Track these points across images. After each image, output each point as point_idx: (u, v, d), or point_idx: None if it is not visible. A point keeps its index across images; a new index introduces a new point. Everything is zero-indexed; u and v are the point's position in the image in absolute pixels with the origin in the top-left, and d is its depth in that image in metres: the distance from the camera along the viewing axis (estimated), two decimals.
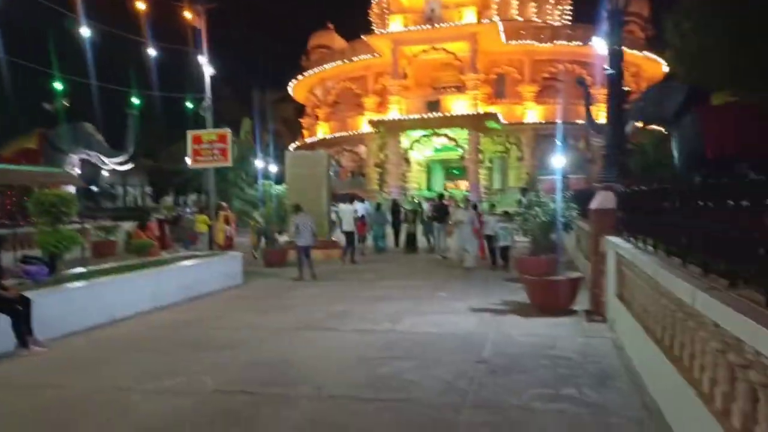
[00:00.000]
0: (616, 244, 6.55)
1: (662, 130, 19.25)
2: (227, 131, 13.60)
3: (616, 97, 7.65)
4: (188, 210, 29.04)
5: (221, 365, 5.82)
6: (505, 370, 5.40)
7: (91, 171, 21.07)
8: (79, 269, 9.05)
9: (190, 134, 13.27)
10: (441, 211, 16.00)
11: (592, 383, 4.95)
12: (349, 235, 15.32)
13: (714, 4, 9.50)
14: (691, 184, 4.09)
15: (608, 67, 7.63)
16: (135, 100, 22.19)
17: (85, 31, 16.82)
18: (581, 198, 10.72)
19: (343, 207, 16.69)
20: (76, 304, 7.44)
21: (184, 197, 40.97)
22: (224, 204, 16.68)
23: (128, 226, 13.83)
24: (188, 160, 15.54)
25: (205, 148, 13.41)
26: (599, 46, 8.98)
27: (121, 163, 20.11)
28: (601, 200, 7.44)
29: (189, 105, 21.12)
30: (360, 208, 17.04)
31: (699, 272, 3.69)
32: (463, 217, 13.03)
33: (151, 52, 18.24)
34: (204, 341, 6.84)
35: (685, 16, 11.54)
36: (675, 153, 14.45)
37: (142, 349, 6.54)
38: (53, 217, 7.95)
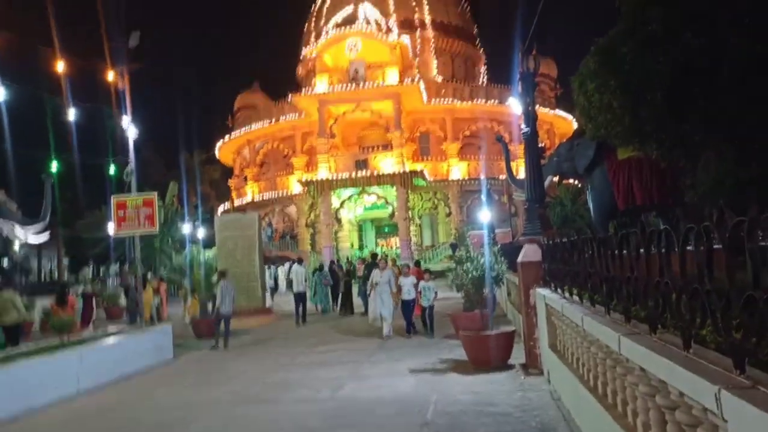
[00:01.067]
0: (545, 295, 6.81)
1: (577, 183, 20.47)
2: (154, 195, 13.19)
3: (533, 154, 8.14)
4: (112, 283, 27.65)
5: None
6: (448, 430, 5.41)
7: (1, 243, 19.77)
8: None
9: (114, 200, 12.78)
10: (372, 269, 16.04)
11: None
12: (300, 296, 15.81)
13: (609, 67, 10.45)
14: (606, 235, 4.39)
15: (524, 126, 8.15)
16: (52, 165, 21.25)
17: None
18: (508, 251, 11.14)
19: (295, 268, 17.28)
20: None
21: (104, 267, 38.95)
22: (156, 275, 16.08)
23: (46, 302, 12.97)
24: (111, 229, 14.91)
25: (130, 215, 12.94)
26: (515, 105, 9.61)
27: (36, 234, 18.99)
28: (527, 253, 7.76)
29: (112, 169, 20.44)
30: (302, 270, 17.19)
31: (621, 319, 3.92)
32: (379, 278, 11.90)
33: (71, 113, 17.67)
34: (132, 426, 6.42)
35: (588, 77, 12.48)
36: (590, 205, 15.37)
37: None
38: None
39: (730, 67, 7.66)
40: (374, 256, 19.41)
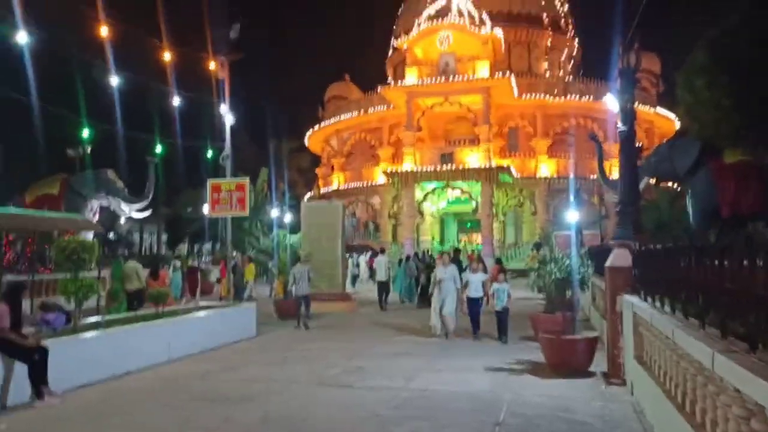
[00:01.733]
0: (633, 303, 6.49)
1: (676, 186, 19.29)
2: (246, 181, 13.84)
3: (629, 154, 7.75)
4: (205, 259, 29.28)
5: (234, 420, 5.77)
6: None
7: (109, 218, 21.42)
8: (96, 319, 9.11)
9: (210, 183, 13.51)
10: (455, 264, 15.98)
11: None
12: (383, 285, 17.05)
13: (724, 63, 9.70)
14: (707, 243, 4.11)
15: (621, 124, 7.77)
16: (157, 148, 22.75)
17: (112, 79, 17.41)
18: (596, 254, 10.69)
19: (379, 258, 18.44)
20: (91, 355, 7.47)
21: (198, 245, 41.30)
22: (245, 255, 16.94)
23: (145, 274, 13.98)
24: (206, 209, 15.75)
25: (223, 197, 13.63)
26: (611, 102, 9.18)
27: (140, 210, 20.43)
28: (617, 258, 7.43)
29: (209, 154, 21.58)
30: (384, 260, 18.28)
31: (717, 334, 3.67)
32: (443, 274, 10.93)
33: (174, 101, 18.82)
34: (217, 395, 6.80)
35: (696, 73, 11.74)
36: (689, 210, 14.42)
37: (156, 403, 6.52)
38: (74, 264, 8.06)
39: None
40: (457, 251, 19.19)
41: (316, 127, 46.92)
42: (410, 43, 38.16)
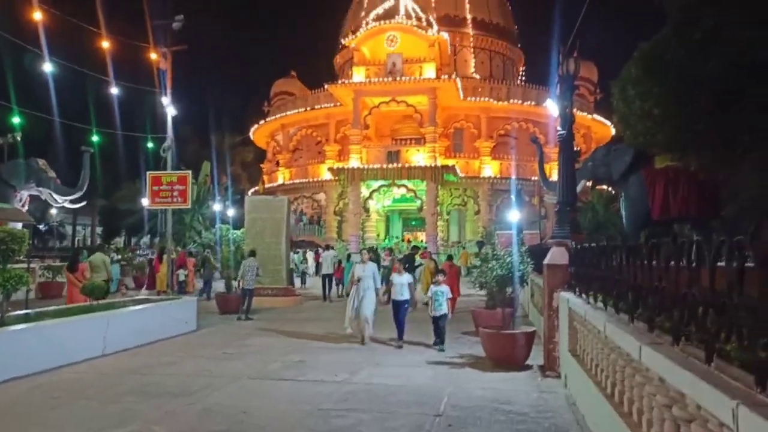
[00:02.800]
0: (569, 299, 6.78)
1: (611, 189, 20.17)
2: (188, 173, 13.56)
3: (567, 157, 8.08)
4: (144, 252, 28.34)
5: (174, 414, 5.66)
6: (462, 423, 5.45)
7: (39, 208, 20.44)
8: (25, 311, 8.71)
9: (150, 175, 13.15)
10: (410, 261, 16.25)
11: None
12: (328, 278, 17.64)
13: (654, 75, 10.23)
14: (636, 244, 4.36)
15: (560, 129, 8.09)
16: (93, 138, 21.86)
17: (46, 66, 16.66)
18: (535, 253, 11.06)
19: (326, 253, 19.11)
20: (21, 348, 7.15)
21: (136, 238, 39.93)
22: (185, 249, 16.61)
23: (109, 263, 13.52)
24: (145, 201, 15.29)
25: (164, 190, 13.29)
26: (551, 107, 9.53)
27: (73, 201, 19.59)
28: (554, 256, 7.72)
29: (150, 145, 20.93)
30: (332, 254, 18.96)
31: (645, 328, 3.90)
32: (361, 273, 9.97)
33: (113, 90, 18.16)
34: (156, 389, 6.64)
35: (629, 84, 12.35)
36: (623, 212, 15.13)
37: (90, 397, 6.30)
38: (2, 255, 7.67)
39: None
40: (415, 248, 19.41)
41: (262, 121, 46.28)
42: (358, 42, 38.21)
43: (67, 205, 20.37)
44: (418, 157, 36.60)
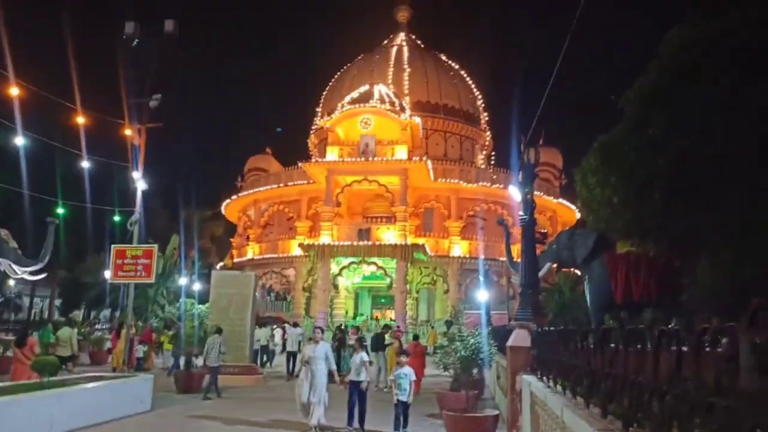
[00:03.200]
0: (530, 382, 6.78)
1: (576, 272, 20.56)
2: (154, 247, 13.45)
3: (529, 241, 8.33)
4: (103, 326, 27.39)
5: None
6: None
7: None
8: None
9: (114, 248, 13.00)
10: (380, 340, 16.05)
11: None
12: (293, 355, 17.77)
13: (610, 164, 10.82)
14: (590, 329, 4.47)
15: (522, 214, 8.39)
16: (59, 210, 21.61)
17: (18, 140, 16.70)
18: (500, 334, 11.11)
19: (291, 330, 19.66)
20: None
21: (96, 312, 38.63)
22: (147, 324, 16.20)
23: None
24: (108, 274, 15.00)
25: (128, 263, 13.11)
26: (514, 193, 9.93)
27: (33, 273, 19.03)
28: (517, 338, 7.79)
29: (117, 218, 20.77)
30: (298, 332, 19.53)
31: (599, 413, 3.95)
32: (312, 353, 9.20)
33: (84, 164, 18.20)
34: None
35: (590, 172, 12.91)
36: (587, 295, 15.40)
37: None
38: None
39: (730, 164, 7.92)
40: (386, 327, 19.25)
41: (235, 196, 46.52)
42: (333, 123, 39.42)
43: (26, 276, 19.76)
44: (389, 235, 36.94)
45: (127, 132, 14.27)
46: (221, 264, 44.96)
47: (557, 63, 10.92)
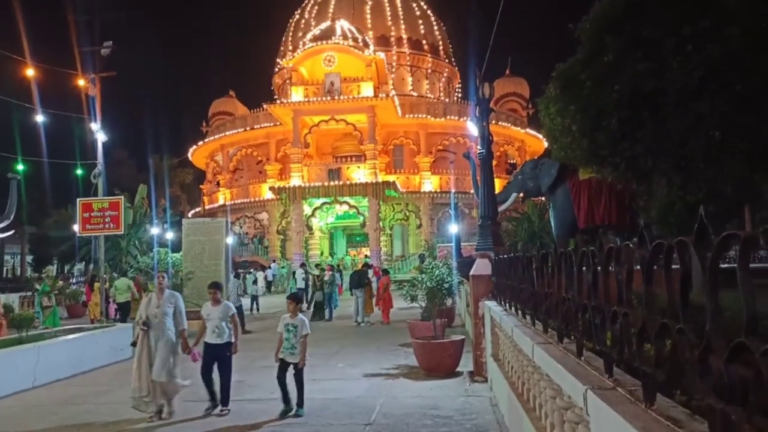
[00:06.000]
0: (490, 307, 7.23)
1: (544, 200, 21.13)
2: (120, 199, 13.40)
3: (487, 174, 8.61)
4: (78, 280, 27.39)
5: None
6: (390, 430, 5.76)
7: None
8: None
9: (80, 202, 12.91)
10: (363, 276, 16.43)
11: None
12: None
13: (568, 93, 11.05)
14: (532, 254, 4.81)
15: (479, 148, 8.62)
16: (19, 166, 21.15)
17: None
18: (469, 264, 11.58)
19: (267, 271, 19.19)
20: None
21: (69, 266, 38.42)
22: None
23: (5, 298, 13.07)
24: (76, 228, 14.95)
25: (95, 216, 13.07)
26: (471, 127, 10.09)
27: (0, 230, 18.85)
28: (478, 267, 8.20)
29: (79, 172, 20.44)
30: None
31: (542, 330, 4.34)
32: (156, 308, 6.72)
33: (40, 117, 17.72)
34: (88, 419, 6.62)
35: (551, 101, 13.14)
36: (552, 222, 15.96)
37: (20, 430, 6.24)
38: None
39: (674, 91, 8.22)
40: (366, 265, 19.68)
41: (201, 142, 45.74)
42: (296, 62, 38.56)
43: None
44: (359, 173, 37.05)
45: (81, 82, 13.86)
46: (193, 211, 44.74)
47: None
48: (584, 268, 3.19)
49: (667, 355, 2.00)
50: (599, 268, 2.87)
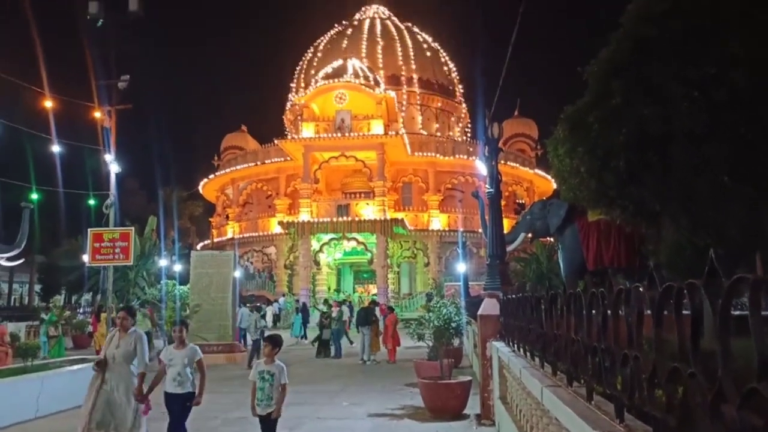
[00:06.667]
0: (498, 348, 7.15)
1: (552, 240, 21.06)
2: (131, 230, 13.50)
3: (496, 213, 8.63)
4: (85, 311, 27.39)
5: None
6: None
7: None
8: None
9: (91, 232, 13.01)
10: (369, 314, 16.36)
11: None
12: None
13: (576, 135, 11.13)
14: (541, 295, 4.78)
15: (488, 187, 8.67)
16: (33, 195, 21.45)
17: None
18: (477, 303, 11.50)
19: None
20: None
21: (76, 296, 38.48)
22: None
23: (12, 326, 13.07)
24: (86, 258, 15.04)
25: (105, 247, 13.16)
26: (480, 167, 10.17)
27: (9, 259, 18.96)
28: (486, 307, 8.13)
29: (92, 202, 20.66)
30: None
31: (550, 372, 4.29)
32: (115, 349, 5.79)
33: (55, 148, 18.04)
34: None
35: (559, 142, 13.23)
36: (561, 263, 15.88)
37: None
38: None
39: (682, 134, 8.27)
40: (373, 302, 19.65)
41: (212, 175, 46.26)
42: (308, 99, 39.23)
43: (3, 263, 19.70)
44: (368, 210, 37.18)
45: (97, 115, 14.17)
46: (202, 244, 44.89)
47: (517, 22, 11.05)
48: (593, 311, 3.18)
49: (678, 401, 1.98)
50: (609, 310, 2.86)
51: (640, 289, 2.36)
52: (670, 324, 2.05)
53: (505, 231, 14.30)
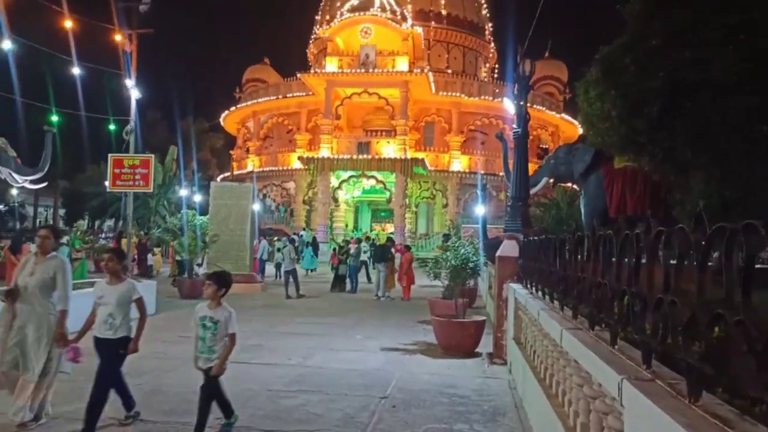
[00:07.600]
0: (515, 290, 7.08)
1: (573, 186, 20.69)
2: (151, 157, 13.48)
3: (522, 155, 8.37)
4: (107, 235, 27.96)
5: None
6: (406, 405, 5.69)
7: None
8: None
9: (112, 157, 13.02)
10: (386, 251, 16.36)
11: (484, 419, 5.34)
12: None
13: (610, 77, 10.65)
14: (567, 238, 4.62)
15: (515, 127, 8.37)
16: (54, 118, 21.45)
17: (5, 44, 16.31)
18: (494, 246, 11.40)
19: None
20: None
21: (99, 221, 39.26)
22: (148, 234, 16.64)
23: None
24: (107, 184, 15.16)
25: (126, 173, 13.19)
26: (509, 106, 9.83)
27: (33, 182, 19.22)
28: (505, 248, 8.02)
29: (112, 127, 20.67)
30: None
31: (571, 315, 4.18)
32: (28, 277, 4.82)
33: (76, 70, 17.85)
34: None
35: (591, 85, 12.72)
36: (582, 209, 15.60)
37: None
38: None
39: (715, 83, 7.85)
40: (390, 240, 19.70)
41: (233, 108, 45.90)
42: (332, 32, 38.17)
43: (27, 185, 19.99)
44: (389, 149, 36.80)
45: (117, 38, 13.88)
46: (222, 176, 45.13)
47: None
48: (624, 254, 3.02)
49: (718, 349, 1.84)
50: (646, 252, 2.70)
51: (686, 229, 2.18)
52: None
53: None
